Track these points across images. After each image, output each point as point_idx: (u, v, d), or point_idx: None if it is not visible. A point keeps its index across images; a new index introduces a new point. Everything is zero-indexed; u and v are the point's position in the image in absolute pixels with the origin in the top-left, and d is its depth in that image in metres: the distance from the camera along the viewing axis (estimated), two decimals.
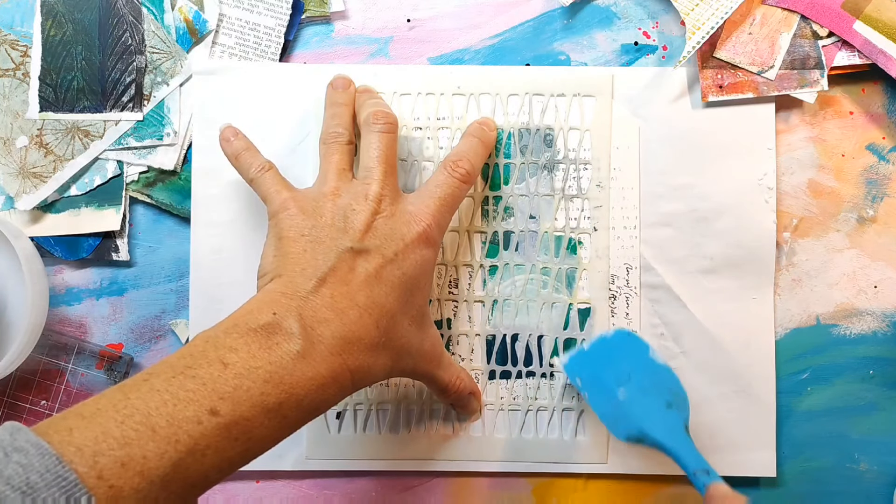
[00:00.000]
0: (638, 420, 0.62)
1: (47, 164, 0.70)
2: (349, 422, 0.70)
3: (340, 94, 0.67)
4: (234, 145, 0.65)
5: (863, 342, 0.71)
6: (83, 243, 0.71)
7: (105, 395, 0.49)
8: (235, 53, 0.71)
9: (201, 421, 0.48)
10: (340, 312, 0.56)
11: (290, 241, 0.58)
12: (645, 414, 0.62)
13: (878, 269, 0.71)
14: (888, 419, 0.71)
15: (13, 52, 0.70)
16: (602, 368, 0.66)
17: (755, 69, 0.69)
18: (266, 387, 0.51)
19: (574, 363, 0.68)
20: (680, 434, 0.61)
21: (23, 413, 0.71)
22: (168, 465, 0.47)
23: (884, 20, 0.68)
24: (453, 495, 0.71)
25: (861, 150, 0.71)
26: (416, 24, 0.72)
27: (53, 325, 0.71)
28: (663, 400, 0.63)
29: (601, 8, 0.72)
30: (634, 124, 0.70)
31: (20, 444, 0.44)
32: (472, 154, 0.65)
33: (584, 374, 0.67)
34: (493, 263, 0.70)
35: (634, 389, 0.64)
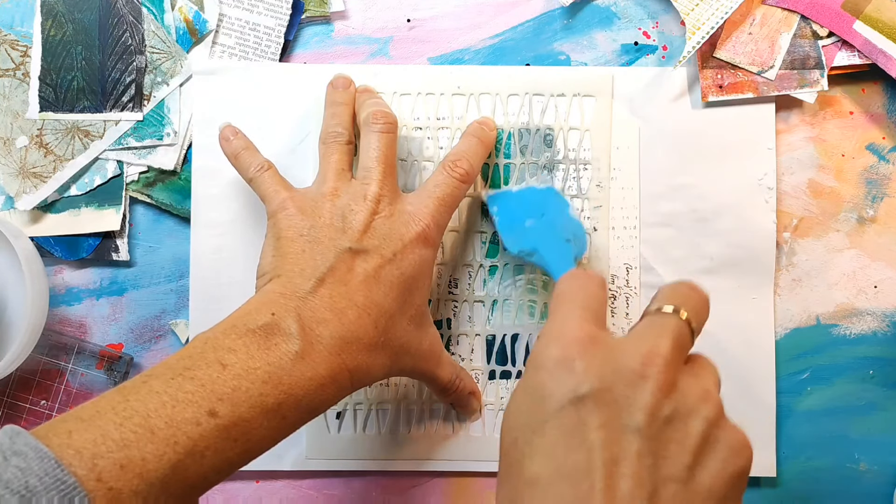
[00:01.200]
0: (534, 241, 0.65)
1: (47, 164, 0.70)
2: (349, 422, 0.70)
3: (340, 94, 0.67)
4: (234, 144, 0.65)
5: (863, 342, 0.71)
6: (83, 243, 0.71)
7: (104, 398, 0.49)
8: (235, 53, 0.71)
9: (200, 422, 0.49)
10: (339, 312, 0.56)
11: (289, 241, 0.59)
12: (542, 239, 0.65)
13: (878, 269, 0.71)
14: (888, 419, 0.71)
15: (13, 52, 0.70)
16: (521, 205, 0.68)
17: (755, 69, 0.69)
18: (265, 387, 0.51)
19: (497, 197, 0.69)
20: (566, 259, 0.63)
21: (23, 413, 0.71)
22: (167, 467, 0.47)
23: (884, 20, 0.68)
24: (453, 495, 0.71)
25: (861, 150, 0.71)
26: (416, 24, 0.72)
27: (53, 325, 0.71)
28: (563, 236, 0.65)
29: (601, 8, 0.72)
30: (634, 124, 0.70)
31: (19, 447, 0.44)
32: (471, 154, 0.65)
33: (503, 205, 0.68)
34: (493, 263, 0.70)
35: (541, 223, 0.66)
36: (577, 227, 0.67)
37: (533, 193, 0.69)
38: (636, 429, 0.43)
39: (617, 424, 0.43)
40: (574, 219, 0.67)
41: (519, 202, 0.68)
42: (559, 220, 0.67)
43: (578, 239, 0.66)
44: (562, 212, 0.67)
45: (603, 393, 0.44)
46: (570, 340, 0.46)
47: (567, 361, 0.45)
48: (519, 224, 0.66)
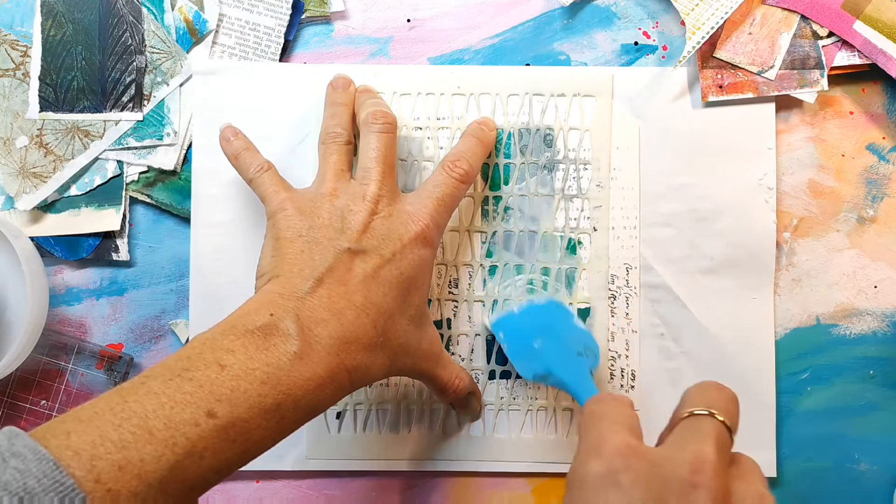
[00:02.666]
0: (546, 362, 0.65)
1: (47, 164, 0.70)
2: (349, 422, 0.70)
3: (340, 94, 0.67)
4: (234, 145, 0.65)
5: (863, 342, 0.71)
6: (83, 243, 0.71)
7: (102, 399, 0.49)
8: (235, 53, 0.71)
9: (199, 423, 0.49)
10: (338, 313, 0.56)
11: (288, 241, 0.59)
12: (554, 358, 0.65)
13: (878, 269, 0.71)
14: (888, 419, 0.71)
15: (13, 52, 0.70)
16: (525, 325, 0.68)
17: (755, 69, 0.69)
18: (263, 388, 0.51)
19: (501, 321, 0.69)
20: (583, 374, 0.64)
21: (23, 413, 0.71)
22: (166, 468, 0.47)
23: (884, 20, 0.68)
24: (453, 495, 0.71)
25: (861, 150, 0.71)
26: (416, 24, 0.72)
27: (53, 325, 0.71)
28: (574, 350, 0.65)
29: (601, 8, 0.72)
30: (634, 124, 0.70)
31: (18, 449, 0.44)
32: (471, 154, 0.65)
33: (508, 330, 0.68)
34: (493, 263, 0.70)
35: (549, 341, 0.66)
36: (586, 336, 0.67)
37: (535, 310, 0.69)
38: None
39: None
40: (580, 328, 0.67)
41: (523, 322, 0.68)
42: (566, 333, 0.67)
43: (589, 350, 0.66)
44: (567, 323, 0.68)
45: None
46: (611, 453, 0.45)
47: (611, 475, 0.44)
48: (528, 347, 0.66)
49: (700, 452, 0.45)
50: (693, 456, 0.45)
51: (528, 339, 0.66)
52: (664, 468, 0.45)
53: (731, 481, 0.45)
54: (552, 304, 0.69)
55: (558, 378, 0.64)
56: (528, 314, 0.68)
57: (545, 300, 0.69)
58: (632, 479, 0.44)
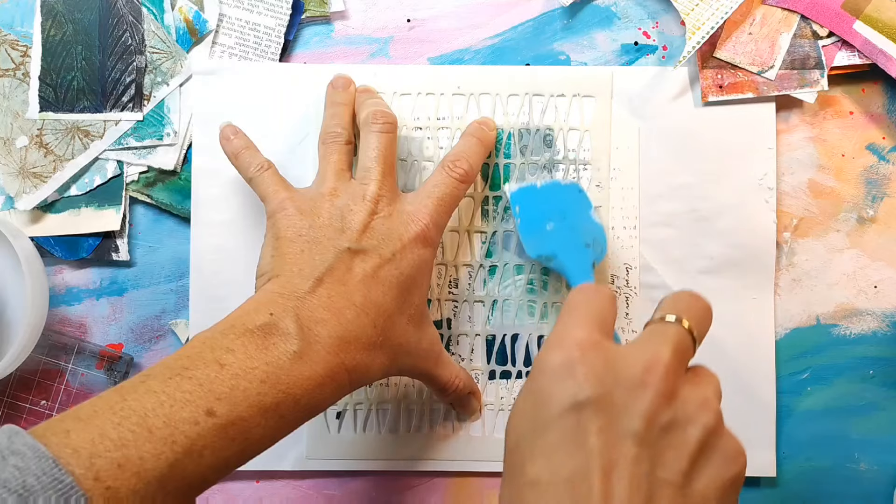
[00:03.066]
0: (554, 246, 0.65)
1: (47, 164, 0.70)
2: (349, 422, 0.70)
3: (340, 94, 0.67)
4: (234, 144, 0.65)
5: (863, 342, 0.71)
6: (83, 243, 0.71)
7: (102, 397, 0.49)
8: (235, 53, 0.71)
9: (198, 422, 0.49)
10: (337, 312, 0.56)
11: (288, 241, 0.59)
12: (562, 244, 0.65)
13: (878, 269, 0.71)
14: (888, 419, 0.71)
15: (13, 52, 0.71)
16: (542, 204, 0.67)
17: (755, 69, 0.69)
18: (263, 387, 0.51)
19: (521, 193, 0.68)
20: (585, 266, 0.64)
21: (23, 413, 0.71)
22: (165, 466, 0.47)
23: (884, 20, 0.68)
24: (453, 495, 0.71)
25: (861, 150, 0.71)
26: (416, 24, 0.72)
27: (53, 325, 0.71)
28: (583, 241, 0.65)
29: (601, 8, 0.72)
30: (634, 124, 0.70)
31: (17, 447, 0.44)
32: (471, 154, 0.65)
33: (525, 204, 0.68)
34: (493, 263, 0.70)
35: (562, 226, 0.66)
36: (598, 230, 0.67)
37: (557, 190, 0.68)
38: (634, 434, 0.44)
39: (615, 430, 0.44)
40: (595, 221, 0.67)
41: (542, 200, 0.68)
42: (580, 222, 0.67)
43: (598, 243, 0.66)
44: (583, 213, 0.67)
45: (603, 399, 0.44)
46: (572, 346, 0.46)
47: (569, 366, 0.45)
48: (540, 226, 0.66)
49: (656, 354, 0.46)
50: (648, 356, 0.46)
51: (541, 219, 0.66)
52: (619, 365, 0.46)
53: (681, 385, 0.46)
54: (574, 187, 0.69)
55: (560, 263, 0.65)
56: (548, 192, 0.68)
57: (569, 182, 0.69)
58: (586, 372, 0.45)
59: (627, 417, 0.44)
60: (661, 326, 0.48)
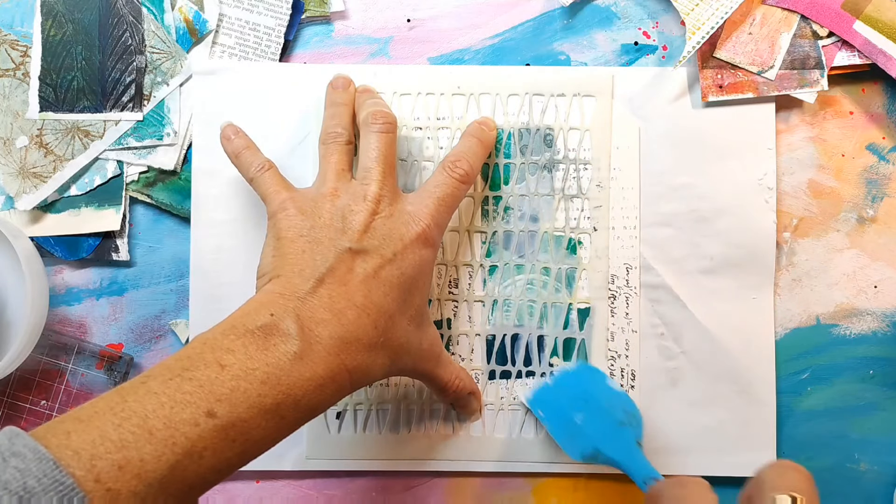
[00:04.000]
0: (592, 439, 0.64)
1: (47, 164, 0.70)
2: (349, 422, 0.70)
3: (340, 94, 0.67)
4: (235, 143, 0.65)
5: (863, 342, 0.71)
6: (83, 243, 0.71)
7: (102, 398, 0.49)
8: (235, 53, 0.71)
9: (198, 423, 0.49)
10: (338, 313, 0.56)
11: (289, 241, 0.59)
12: (598, 433, 0.64)
13: (878, 269, 0.71)
14: (888, 419, 0.71)
15: (13, 52, 0.70)
16: (562, 398, 0.67)
17: (755, 69, 0.69)
18: (263, 388, 0.51)
19: (538, 397, 0.69)
20: (631, 448, 0.63)
21: (23, 413, 0.71)
22: (166, 468, 0.47)
23: (884, 20, 0.68)
24: (453, 495, 0.71)
25: (861, 150, 0.71)
26: (416, 24, 0.72)
27: (53, 325, 0.71)
28: (616, 420, 0.64)
29: (601, 8, 0.72)
30: (634, 124, 0.70)
31: (18, 448, 0.44)
32: (471, 154, 0.65)
33: (546, 405, 0.68)
34: (493, 263, 0.70)
35: (590, 413, 0.65)
36: (625, 400, 0.67)
37: (569, 378, 0.69)
38: None
39: None
40: (615, 390, 0.67)
41: (559, 395, 0.68)
42: (604, 399, 0.66)
43: (632, 417, 0.65)
44: (602, 387, 0.67)
45: None
46: None
47: None
48: (570, 423, 0.66)
49: None
50: None
51: (568, 414, 0.66)
52: None
53: None
54: (583, 367, 0.69)
55: (608, 456, 0.63)
56: (562, 383, 0.69)
57: (575, 366, 0.70)
58: None
59: None
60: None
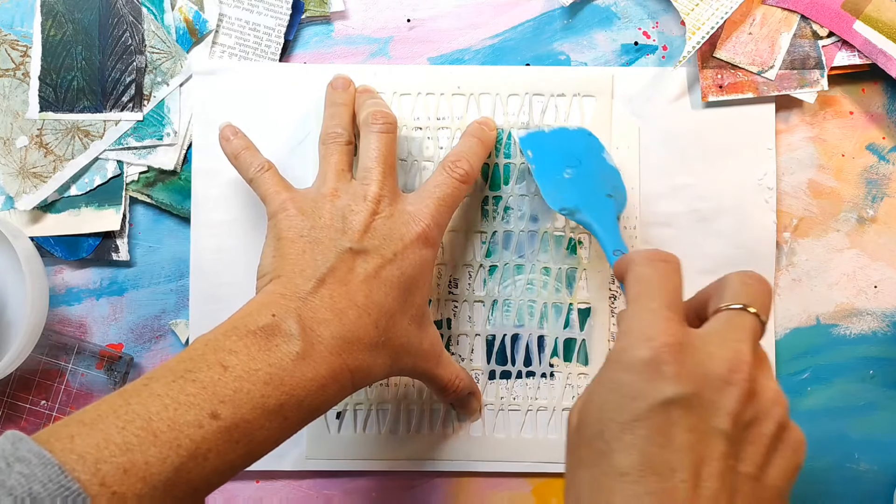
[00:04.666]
0: (575, 197, 0.64)
1: (47, 164, 0.70)
2: (349, 422, 0.70)
3: (340, 94, 0.67)
4: (234, 144, 0.65)
5: (863, 342, 0.71)
6: (83, 243, 0.71)
7: (105, 401, 0.49)
8: (235, 53, 0.71)
9: (202, 424, 0.49)
10: (340, 313, 0.56)
11: (289, 241, 0.58)
12: (583, 194, 0.64)
13: (878, 269, 0.71)
14: (888, 419, 0.71)
15: (13, 52, 0.70)
16: (555, 149, 0.67)
17: (755, 69, 0.69)
18: (266, 389, 0.51)
19: (530, 138, 0.69)
20: (610, 219, 0.63)
21: (23, 413, 0.71)
22: (170, 470, 0.47)
23: (884, 20, 0.68)
24: (453, 495, 0.71)
25: (861, 150, 0.71)
26: (416, 24, 0.72)
27: (53, 325, 0.71)
28: (604, 190, 0.65)
29: (601, 8, 0.72)
30: (634, 124, 0.70)
31: (22, 453, 0.44)
32: (471, 154, 0.65)
33: (538, 150, 0.68)
34: (493, 263, 0.70)
35: (580, 173, 0.66)
36: (615, 175, 0.67)
37: (566, 135, 0.69)
38: (722, 432, 0.46)
39: (704, 427, 0.46)
40: (611, 165, 0.67)
41: (553, 145, 0.68)
42: (597, 168, 0.67)
43: (619, 192, 0.66)
44: (598, 157, 0.67)
45: (691, 398, 0.46)
46: (661, 344, 0.47)
47: (657, 364, 0.46)
48: (557, 174, 0.66)
49: (738, 352, 0.47)
50: (732, 354, 0.47)
51: (558, 165, 0.66)
52: (706, 363, 0.47)
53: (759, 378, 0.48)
54: (583, 131, 0.69)
55: (585, 217, 0.63)
56: (558, 137, 0.69)
57: (575, 127, 0.69)
58: (675, 371, 0.46)
59: (716, 416, 0.46)
60: (737, 318, 0.50)
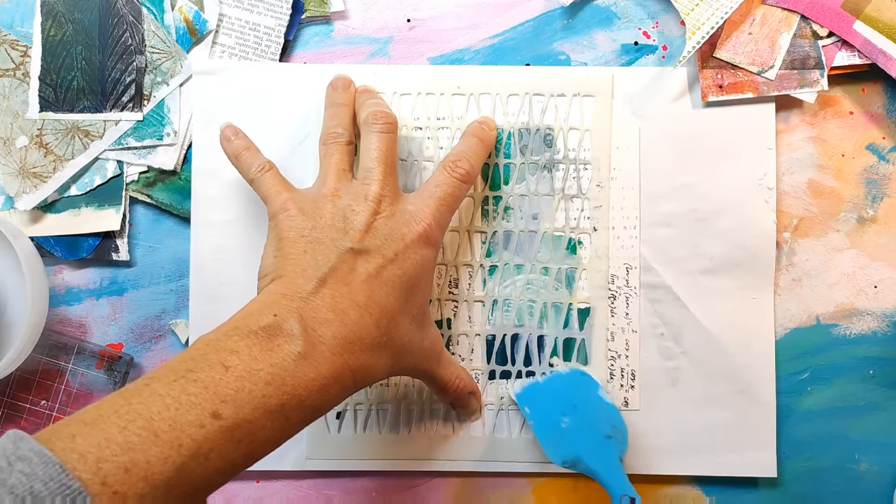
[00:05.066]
0: (575, 446, 0.64)
1: (47, 164, 0.70)
2: (349, 422, 0.70)
3: (340, 95, 0.67)
4: (235, 144, 0.65)
5: (863, 342, 0.71)
6: (83, 243, 0.71)
7: (107, 401, 0.49)
8: (235, 53, 0.71)
9: (204, 424, 0.48)
10: (341, 313, 0.56)
11: (290, 242, 0.58)
12: (582, 442, 0.64)
13: (878, 269, 0.71)
14: (888, 419, 0.71)
15: (13, 52, 0.70)
16: (551, 400, 0.68)
17: (755, 69, 0.69)
18: (268, 389, 0.51)
19: (526, 393, 0.69)
20: (613, 463, 0.63)
21: (23, 413, 0.71)
22: (172, 470, 0.47)
23: (884, 20, 0.69)
24: (453, 495, 0.71)
25: (861, 150, 0.71)
26: (416, 24, 0.72)
27: (53, 325, 0.71)
28: (603, 432, 0.65)
29: (601, 8, 0.72)
30: (634, 124, 0.70)
31: (23, 452, 0.44)
32: (472, 154, 0.65)
33: (534, 404, 0.68)
34: (493, 263, 0.70)
35: (577, 420, 0.66)
36: (614, 414, 0.67)
37: (560, 381, 0.69)
38: None
39: None
40: (607, 402, 0.67)
41: (549, 395, 0.68)
42: (593, 410, 0.67)
43: (618, 431, 0.66)
44: (593, 397, 0.68)
45: None
46: None
47: None
48: (555, 425, 0.66)
49: None
50: None
51: (555, 416, 0.66)
52: None
53: None
54: (577, 373, 0.69)
55: (588, 466, 0.63)
56: (553, 385, 0.69)
57: (569, 370, 0.70)
58: None
59: None
60: None
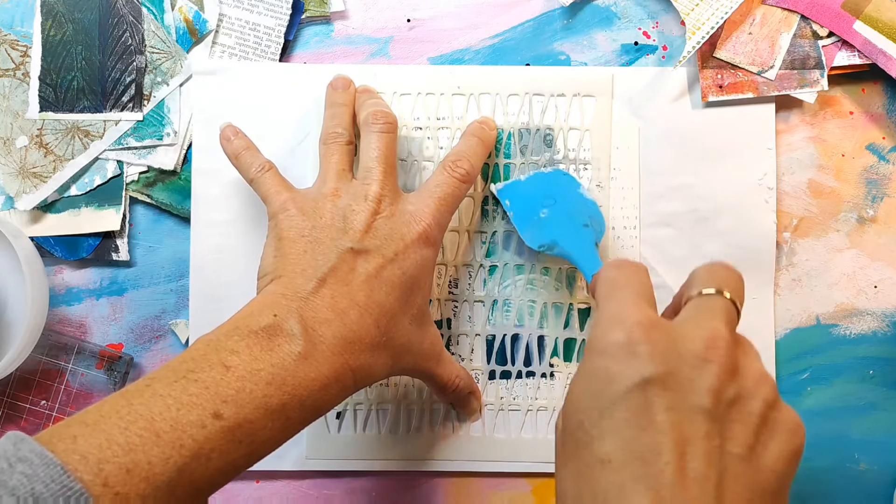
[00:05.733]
0: (552, 232, 0.65)
1: (47, 164, 0.70)
2: (349, 422, 0.70)
3: (340, 95, 0.67)
4: (235, 144, 0.65)
5: (863, 342, 0.71)
6: (83, 243, 0.71)
7: (108, 402, 0.49)
8: (235, 53, 0.71)
9: (205, 425, 0.48)
10: (341, 313, 0.56)
11: (290, 241, 0.59)
12: (560, 229, 0.65)
13: (878, 269, 0.71)
14: (888, 419, 0.71)
15: (13, 52, 0.70)
16: (532, 193, 0.68)
17: (755, 69, 0.69)
18: (269, 389, 0.51)
19: (507, 189, 0.69)
20: (588, 246, 0.63)
21: (23, 413, 0.71)
22: (173, 470, 0.47)
23: (884, 20, 0.69)
24: (453, 495, 0.71)
25: (861, 150, 0.71)
26: (416, 24, 0.72)
27: (53, 325, 0.71)
28: (581, 222, 0.65)
29: (601, 8, 0.72)
30: (634, 124, 0.70)
31: (24, 453, 0.44)
32: (472, 153, 0.65)
33: (515, 197, 0.68)
34: (493, 263, 0.70)
35: (556, 211, 0.66)
36: (592, 206, 0.67)
37: (541, 179, 0.69)
38: (703, 410, 0.44)
39: (684, 406, 0.45)
40: (587, 198, 0.68)
41: (529, 190, 0.68)
42: (572, 202, 0.67)
43: (595, 220, 0.66)
44: (573, 193, 0.68)
45: (669, 376, 0.45)
46: (632, 324, 0.46)
47: (631, 345, 0.46)
48: (534, 215, 0.66)
49: (714, 330, 0.47)
50: (707, 332, 0.46)
51: (534, 208, 0.66)
52: (679, 343, 0.46)
53: (740, 358, 0.47)
54: (558, 173, 0.69)
55: (563, 249, 0.64)
56: (534, 182, 0.69)
57: (551, 169, 0.70)
58: (650, 350, 0.45)
59: (695, 394, 0.45)
60: (708, 301, 0.49)
